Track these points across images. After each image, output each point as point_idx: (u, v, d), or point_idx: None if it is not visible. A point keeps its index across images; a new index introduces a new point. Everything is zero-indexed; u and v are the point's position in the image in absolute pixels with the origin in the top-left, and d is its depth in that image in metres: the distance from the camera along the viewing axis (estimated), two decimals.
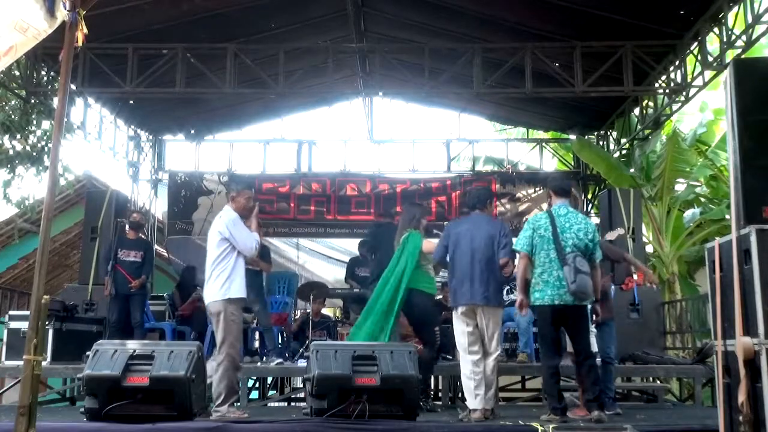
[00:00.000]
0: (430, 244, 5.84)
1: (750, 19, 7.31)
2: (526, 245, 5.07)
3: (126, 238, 7.90)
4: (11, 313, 7.79)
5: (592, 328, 5.57)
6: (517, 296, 5.17)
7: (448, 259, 5.52)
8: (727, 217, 9.39)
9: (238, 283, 5.15)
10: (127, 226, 8.08)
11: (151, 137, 12.49)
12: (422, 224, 6.01)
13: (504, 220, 11.65)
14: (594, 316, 5.55)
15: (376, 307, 5.79)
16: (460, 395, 6.57)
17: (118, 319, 7.57)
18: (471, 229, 5.40)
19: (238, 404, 5.38)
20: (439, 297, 9.88)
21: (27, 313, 4.23)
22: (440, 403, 6.76)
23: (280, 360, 7.21)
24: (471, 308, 5.27)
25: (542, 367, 5.21)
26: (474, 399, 5.13)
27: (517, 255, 5.22)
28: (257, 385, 9.70)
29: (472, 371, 5.19)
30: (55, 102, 8.29)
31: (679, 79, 8.99)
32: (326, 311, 10.37)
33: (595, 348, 5.45)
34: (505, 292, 6.26)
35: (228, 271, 5.12)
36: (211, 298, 5.13)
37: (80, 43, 3.81)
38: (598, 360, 5.52)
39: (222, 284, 5.09)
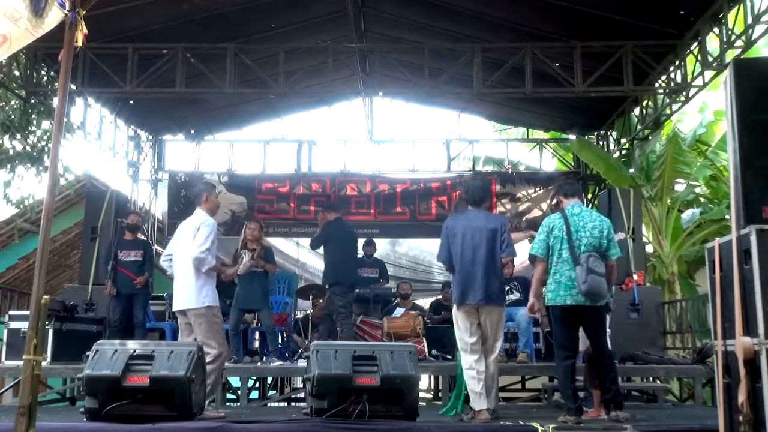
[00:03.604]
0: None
1: (750, 19, 7.31)
2: (541, 249, 5.04)
3: (124, 240, 7.95)
4: (11, 313, 7.78)
5: None
6: (516, 296, 5.13)
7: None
8: (727, 217, 9.39)
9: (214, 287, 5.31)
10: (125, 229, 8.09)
11: (151, 137, 12.48)
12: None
13: None
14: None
15: None
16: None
17: (120, 319, 7.60)
18: (470, 225, 5.26)
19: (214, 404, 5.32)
20: (439, 297, 9.92)
21: (27, 313, 4.22)
22: (440, 402, 6.75)
23: (280, 362, 7.22)
24: (474, 307, 5.19)
25: (556, 368, 5.14)
26: (479, 399, 5.05)
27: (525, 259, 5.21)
28: (257, 385, 9.70)
29: (476, 370, 5.11)
30: (55, 102, 8.27)
31: (679, 79, 8.99)
32: None
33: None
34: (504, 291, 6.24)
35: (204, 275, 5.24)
36: (190, 304, 5.21)
37: (80, 43, 3.81)
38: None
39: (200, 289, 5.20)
